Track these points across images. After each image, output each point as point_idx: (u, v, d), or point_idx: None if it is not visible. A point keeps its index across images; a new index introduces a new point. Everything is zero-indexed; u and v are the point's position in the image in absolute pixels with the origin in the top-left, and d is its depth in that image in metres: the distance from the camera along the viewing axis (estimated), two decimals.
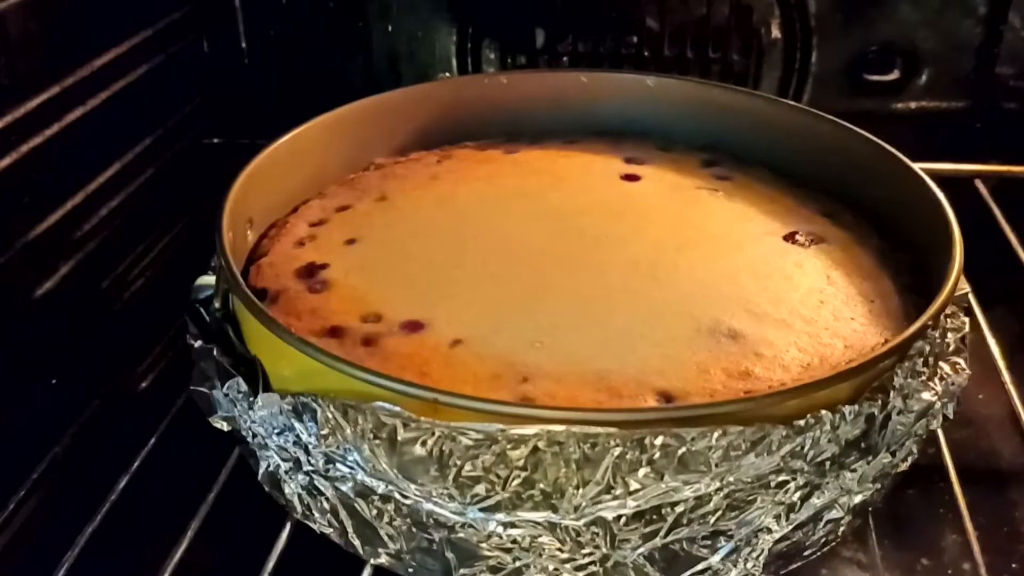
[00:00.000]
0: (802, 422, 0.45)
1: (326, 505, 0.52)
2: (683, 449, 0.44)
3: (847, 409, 0.46)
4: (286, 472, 0.53)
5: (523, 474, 0.44)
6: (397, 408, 0.45)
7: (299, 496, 0.53)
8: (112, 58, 0.81)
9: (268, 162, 0.68)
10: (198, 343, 0.57)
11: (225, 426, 0.55)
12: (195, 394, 0.56)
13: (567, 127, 0.81)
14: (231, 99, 1.09)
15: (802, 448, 0.45)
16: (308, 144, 0.73)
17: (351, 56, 1.09)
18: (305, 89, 1.10)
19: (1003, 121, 1.03)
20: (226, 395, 0.53)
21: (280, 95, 1.11)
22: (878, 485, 0.51)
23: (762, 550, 0.49)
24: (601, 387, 0.51)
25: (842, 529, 0.52)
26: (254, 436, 0.53)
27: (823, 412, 0.45)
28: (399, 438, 0.45)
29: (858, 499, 0.50)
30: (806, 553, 0.51)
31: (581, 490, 0.44)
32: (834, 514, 0.50)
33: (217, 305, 0.58)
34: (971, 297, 0.79)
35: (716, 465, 0.44)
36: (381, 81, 1.10)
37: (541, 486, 0.45)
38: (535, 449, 0.44)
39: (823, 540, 0.51)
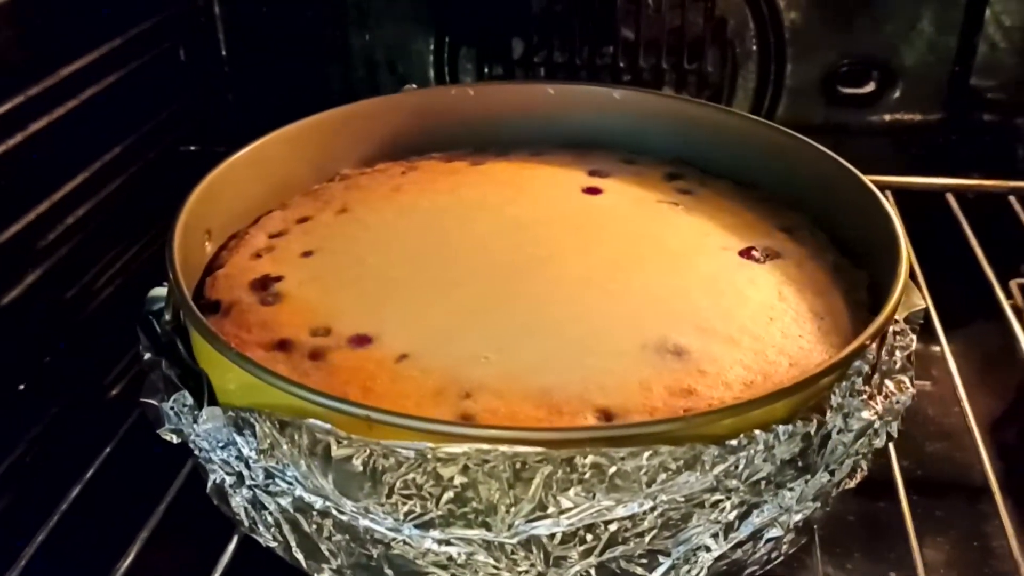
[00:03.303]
0: (735, 442, 0.45)
1: (270, 519, 0.52)
2: (613, 468, 0.44)
3: (781, 428, 0.46)
4: (231, 486, 0.53)
5: (455, 492, 0.44)
6: (328, 425, 0.45)
7: (245, 509, 0.53)
8: (80, 66, 0.81)
9: (227, 173, 0.68)
10: (148, 355, 0.57)
11: (174, 438, 0.55)
12: (145, 406, 0.56)
13: (534, 139, 0.81)
14: (209, 106, 1.10)
15: (736, 467, 0.45)
16: (271, 155, 0.73)
17: (329, 65, 1.10)
18: (284, 97, 1.11)
19: (978, 133, 1.03)
20: (172, 408, 0.53)
21: (259, 103, 1.12)
22: (818, 503, 0.51)
23: (701, 568, 0.49)
24: (542, 403, 0.51)
25: (784, 547, 0.52)
26: (200, 450, 0.53)
27: (756, 432, 0.45)
28: (333, 454, 0.45)
29: (798, 517, 0.50)
30: (748, 571, 0.51)
31: (513, 508, 0.44)
32: (774, 532, 0.50)
33: (168, 317, 0.58)
34: (933, 312, 0.80)
35: (648, 484, 0.44)
36: (359, 90, 1.10)
37: (474, 504, 0.45)
38: (466, 467, 0.44)
39: (765, 558, 0.51)
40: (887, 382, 0.53)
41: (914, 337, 0.57)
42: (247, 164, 0.70)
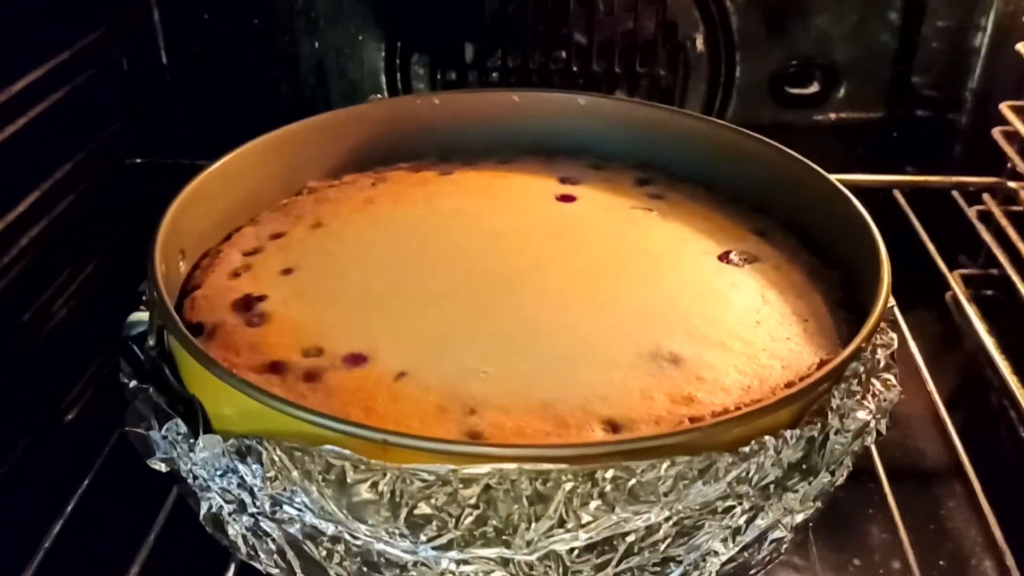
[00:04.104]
0: (747, 448, 0.46)
1: (272, 546, 0.51)
2: (633, 481, 0.44)
3: (789, 433, 0.47)
4: (230, 514, 0.51)
5: (475, 512, 0.44)
6: (347, 451, 0.44)
7: (243, 537, 0.52)
8: (31, 82, 0.78)
9: (199, 190, 0.66)
10: (133, 383, 0.55)
11: (164, 467, 0.54)
12: (131, 435, 0.54)
13: (501, 146, 0.81)
14: (153, 117, 1.07)
15: (747, 473, 0.46)
16: (240, 170, 0.71)
17: (278, 72, 1.08)
18: (230, 105, 1.09)
19: (918, 129, 1.07)
20: (165, 437, 0.52)
21: (204, 112, 1.09)
22: (819, 503, 0.52)
23: (710, 572, 0.50)
24: (547, 417, 0.51)
25: (784, 546, 0.53)
26: (195, 478, 0.52)
27: (766, 438, 0.46)
28: (348, 480, 0.45)
29: (800, 518, 0.51)
30: (752, 572, 0.52)
31: (533, 525, 0.44)
32: (778, 533, 0.51)
33: (152, 343, 0.56)
34: (895, 307, 0.82)
35: (665, 495, 0.45)
36: (309, 97, 1.09)
37: (493, 523, 0.45)
38: (487, 487, 0.44)
39: (767, 558, 0.53)
40: (874, 381, 0.55)
41: (894, 336, 0.59)
42: (217, 179, 0.69)
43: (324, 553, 0.49)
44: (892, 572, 0.71)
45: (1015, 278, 0.86)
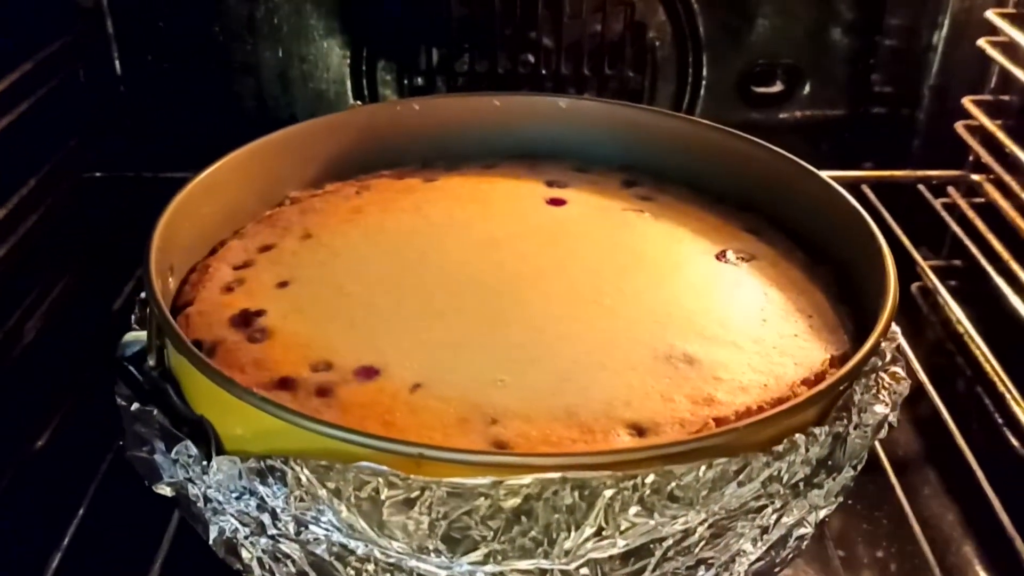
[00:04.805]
0: (779, 448, 0.46)
1: (292, 568, 0.49)
2: (672, 485, 0.44)
3: (818, 431, 0.47)
4: (246, 537, 0.50)
5: (514, 524, 0.44)
6: (383, 468, 0.43)
7: (259, 560, 0.50)
8: None
9: (185, 203, 0.64)
10: (134, 405, 0.53)
11: (169, 492, 0.52)
12: (134, 460, 0.52)
13: (483, 151, 0.80)
14: (111, 130, 1.03)
15: (778, 472, 0.46)
16: (222, 181, 0.69)
17: (241, 81, 1.05)
18: (191, 116, 1.06)
19: (879, 125, 1.09)
20: (175, 460, 0.50)
21: (163, 123, 1.06)
22: (840, 498, 0.53)
23: (739, 573, 0.50)
24: (572, 424, 0.50)
25: (805, 543, 0.54)
26: (208, 501, 0.50)
27: (797, 436, 0.46)
28: (382, 496, 0.44)
29: (823, 513, 0.52)
30: (776, 570, 0.53)
31: (573, 534, 0.44)
32: (802, 530, 0.51)
33: (152, 363, 0.54)
34: None
35: (703, 497, 0.45)
36: (273, 104, 1.06)
37: (532, 533, 0.44)
38: (527, 497, 0.43)
39: (791, 555, 0.53)
40: (882, 375, 0.55)
41: (897, 329, 0.60)
42: (202, 192, 0.67)
43: (353, 573, 0.47)
44: (875, 561, 0.72)
45: (988, 268, 0.88)
